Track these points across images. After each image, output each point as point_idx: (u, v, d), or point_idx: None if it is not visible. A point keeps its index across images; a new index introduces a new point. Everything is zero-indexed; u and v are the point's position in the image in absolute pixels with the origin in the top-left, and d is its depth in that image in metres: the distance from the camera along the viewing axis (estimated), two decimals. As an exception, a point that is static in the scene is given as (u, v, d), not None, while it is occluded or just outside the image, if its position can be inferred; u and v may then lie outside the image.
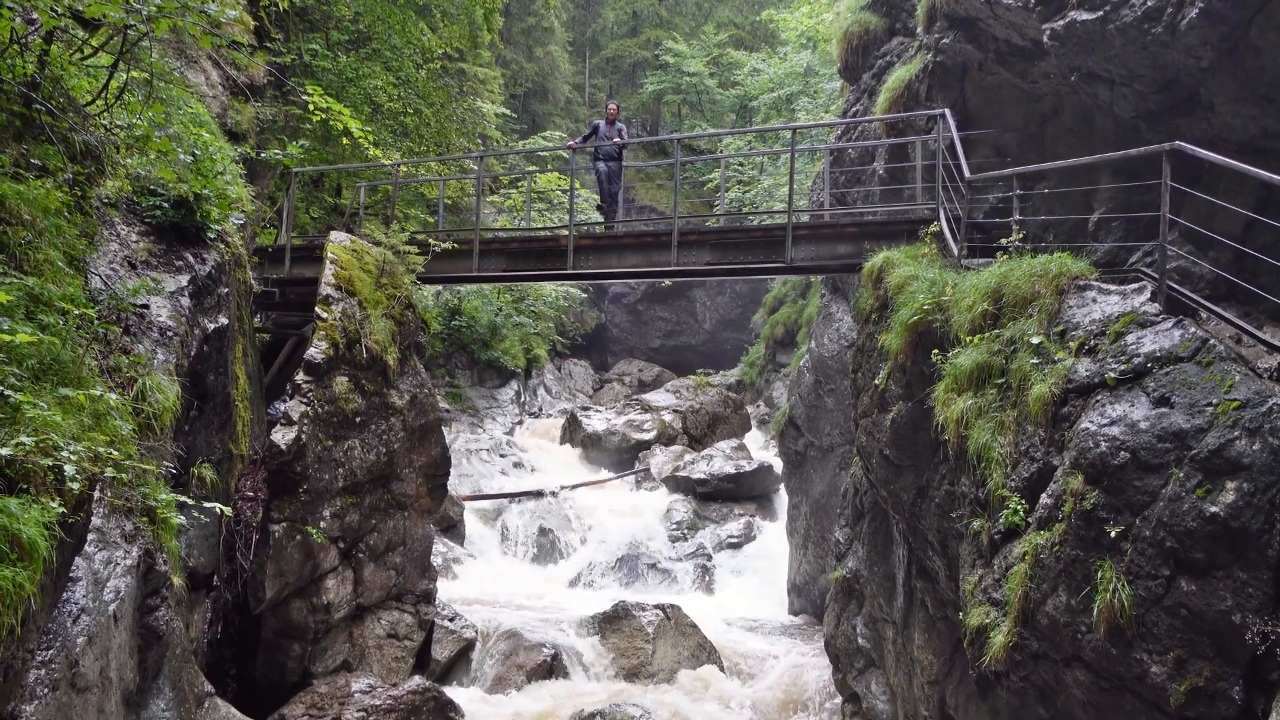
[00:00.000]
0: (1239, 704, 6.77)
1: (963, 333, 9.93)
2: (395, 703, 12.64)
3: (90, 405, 6.83)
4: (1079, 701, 7.83)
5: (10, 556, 5.44)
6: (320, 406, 13.22)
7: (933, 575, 11.00)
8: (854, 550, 14.14)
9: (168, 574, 8.64)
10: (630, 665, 15.58)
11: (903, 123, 15.88)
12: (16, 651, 5.72)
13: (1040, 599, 8.04)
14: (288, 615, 12.94)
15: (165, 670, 8.56)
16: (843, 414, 17.97)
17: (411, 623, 14.55)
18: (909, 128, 15.74)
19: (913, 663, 11.74)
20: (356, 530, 13.81)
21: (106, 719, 7.36)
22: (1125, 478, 7.57)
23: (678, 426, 30.67)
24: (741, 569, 22.75)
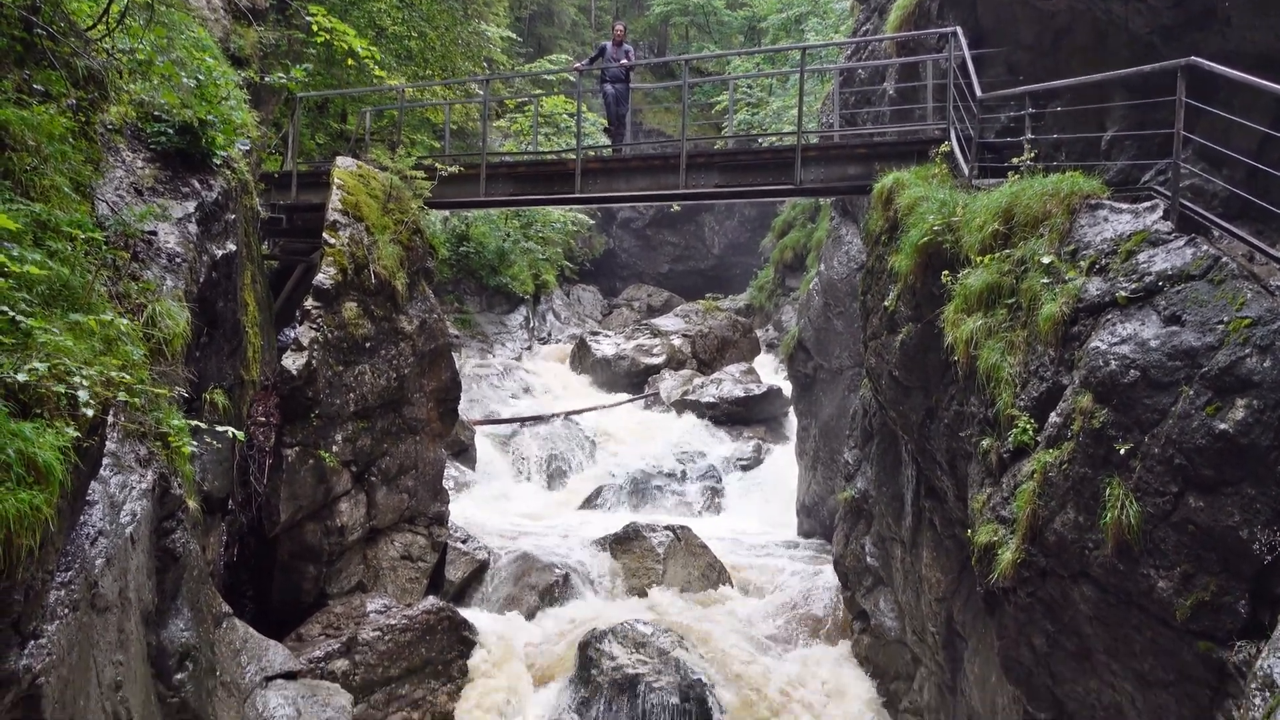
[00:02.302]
0: (1244, 617, 6.84)
1: (973, 253, 9.88)
2: (410, 622, 12.83)
3: (101, 331, 6.86)
4: (1085, 617, 7.92)
5: (27, 480, 5.50)
6: (330, 332, 13.25)
7: (941, 495, 11.07)
8: (863, 471, 14.22)
9: (182, 497, 8.72)
10: (641, 585, 15.76)
11: (913, 41, 15.67)
12: (36, 573, 5.80)
13: (1048, 516, 8.09)
14: (302, 538, 13.09)
15: (183, 591, 8.67)
16: (852, 336, 17.97)
17: (424, 545, 14.72)
18: (920, 46, 15.53)
19: (921, 580, 11.86)
20: (368, 454, 13.91)
21: (127, 639, 7.48)
22: (1135, 396, 7.58)
23: (687, 351, 30.69)
24: (751, 491, 22.90)
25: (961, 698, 11.37)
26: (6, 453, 5.41)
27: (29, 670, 5.91)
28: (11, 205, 6.99)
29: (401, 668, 12.56)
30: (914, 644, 12.50)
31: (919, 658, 12.49)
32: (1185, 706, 7.27)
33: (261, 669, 10.16)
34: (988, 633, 9.93)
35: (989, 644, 9.94)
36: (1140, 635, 7.52)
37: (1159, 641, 7.37)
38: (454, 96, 25.59)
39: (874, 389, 12.90)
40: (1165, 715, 7.43)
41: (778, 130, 30.47)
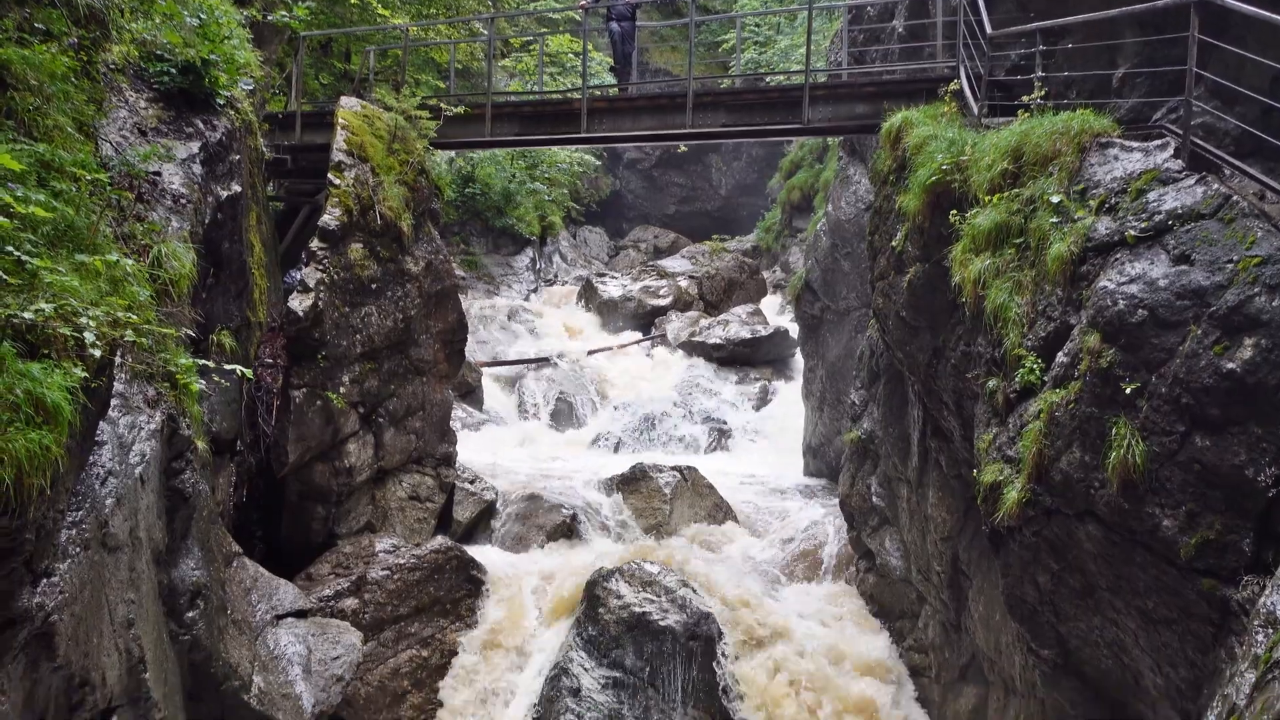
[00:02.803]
0: (1248, 555, 6.87)
1: (981, 193, 9.81)
2: (419, 561, 12.94)
3: (107, 271, 6.85)
4: (1090, 555, 7.96)
5: (36, 420, 5.52)
6: (336, 273, 13.24)
7: (947, 435, 11.09)
8: (869, 412, 14.24)
9: (191, 438, 8.76)
10: (648, 525, 15.86)
11: (923, -23, 15.45)
12: (47, 512, 5.85)
13: (1054, 456, 8.11)
14: (311, 478, 13.16)
15: (193, 531, 8.74)
16: (859, 277, 17.90)
17: (432, 485, 14.80)
18: (929, -18, 15.31)
19: (926, 520, 11.92)
20: (376, 395, 13.95)
21: (138, 577, 7.55)
22: (1143, 335, 7.56)
23: (693, 292, 30.64)
24: (757, 432, 22.97)
25: (965, 635, 11.47)
26: (14, 393, 5.43)
27: (42, 608, 5.98)
28: (15, 145, 6.96)
29: (411, 606, 12.69)
30: (919, 583, 12.58)
31: (924, 596, 12.58)
32: (1188, 643, 7.32)
33: (272, 607, 10.26)
34: (992, 571, 9.99)
35: (993, 582, 10.00)
36: (1144, 573, 7.56)
37: (1163, 579, 7.41)
38: (458, 35, 25.35)
39: (881, 329, 12.88)
40: (1168, 652, 7.49)
41: (785, 69, 30.18)
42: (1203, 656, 7.23)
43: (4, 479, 5.15)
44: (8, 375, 5.48)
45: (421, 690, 12.37)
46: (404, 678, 12.35)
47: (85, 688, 6.64)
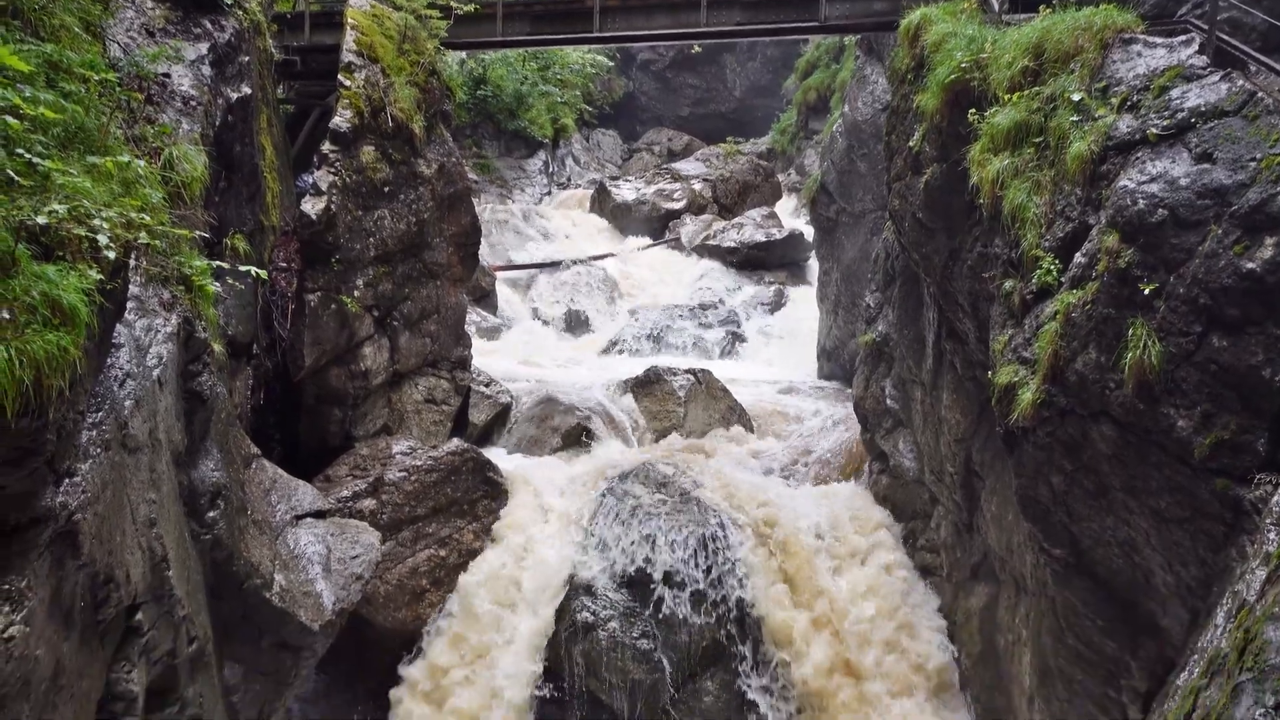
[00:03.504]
0: (1262, 455, 6.88)
1: (1001, 91, 9.66)
2: (435, 463, 13.06)
3: (119, 173, 6.81)
4: (1104, 455, 7.98)
5: (53, 322, 5.54)
6: (348, 177, 13.16)
7: (962, 337, 11.06)
8: (884, 314, 14.20)
9: (208, 341, 8.79)
10: (662, 427, 15.94)
11: None
12: (67, 413, 5.89)
13: (1070, 357, 8.09)
14: (327, 382, 13.24)
15: (212, 433, 8.82)
16: (875, 179, 17.73)
17: (448, 388, 14.87)
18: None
19: (940, 422, 11.94)
20: (390, 299, 13.96)
21: (158, 478, 7.64)
22: (1162, 235, 7.49)
23: (708, 195, 30.42)
24: (772, 335, 22.96)
25: (977, 535, 11.56)
26: (31, 295, 5.44)
27: (65, 507, 6.06)
28: (22, 46, 6.87)
29: (428, 507, 12.84)
30: (932, 484, 12.66)
31: (936, 497, 12.66)
32: (1199, 542, 7.37)
33: (291, 508, 10.39)
34: (1005, 472, 10.03)
35: (1006, 483, 10.05)
36: (1158, 473, 7.58)
37: (1176, 479, 7.43)
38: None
39: (897, 231, 12.79)
40: (1179, 551, 7.54)
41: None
42: (1214, 555, 7.28)
43: (24, 380, 5.18)
44: (24, 278, 5.48)
45: (440, 588, 12.57)
46: (422, 576, 12.55)
47: (110, 584, 6.76)
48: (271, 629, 9.32)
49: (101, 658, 6.99)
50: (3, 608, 5.53)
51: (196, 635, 8.13)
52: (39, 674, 5.88)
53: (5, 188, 5.66)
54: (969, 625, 11.91)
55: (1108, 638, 8.49)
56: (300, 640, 9.57)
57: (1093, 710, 8.81)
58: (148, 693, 7.59)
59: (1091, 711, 8.83)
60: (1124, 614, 8.36)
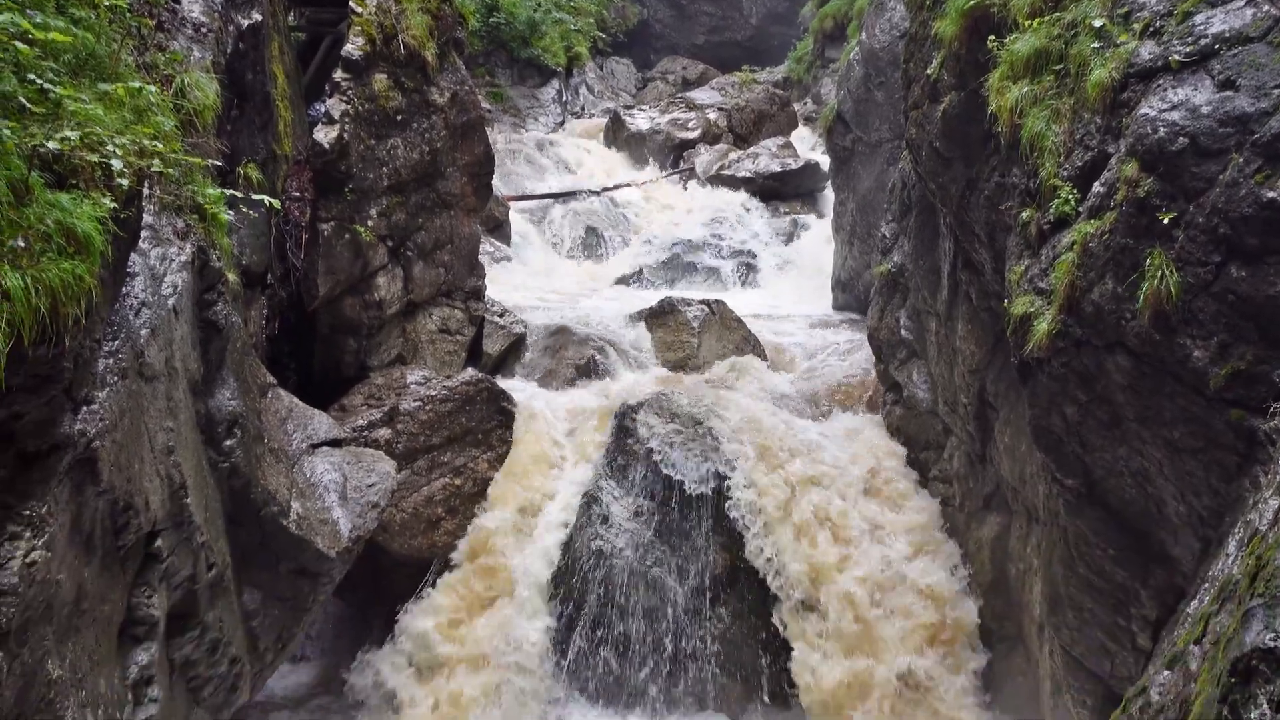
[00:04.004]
0: (1278, 386, 6.86)
1: (1021, 16, 9.51)
2: (450, 393, 13.12)
3: (131, 100, 6.77)
4: (1118, 386, 7.97)
5: (68, 250, 5.55)
6: (361, 105, 13.08)
7: (978, 267, 11.01)
8: (900, 244, 14.13)
9: (222, 270, 8.80)
10: (676, 358, 15.94)
11: None
12: (84, 341, 5.93)
13: (1086, 287, 8.04)
14: (341, 312, 13.26)
15: (228, 362, 8.86)
16: (892, 108, 17.54)
17: (462, 318, 14.89)
18: None
19: (954, 353, 11.93)
20: (404, 229, 13.94)
21: (176, 406, 7.69)
22: (1182, 164, 7.41)
23: (723, 125, 30.12)
24: (786, 265, 22.87)
25: (990, 466, 11.60)
26: (45, 223, 5.44)
27: (84, 434, 6.11)
28: (30, -30, 6.81)
29: (443, 436, 12.92)
30: (945, 415, 12.68)
31: (950, 428, 12.69)
32: (1212, 473, 7.38)
33: (307, 436, 10.46)
34: (1019, 403, 10.04)
35: (1020, 414, 10.07)
36: (1172, 404, 7.57)
37: (1191, 410, 7.43)
38: None
39: (913, 161, 12.68)
40: (1192, 481, 7.56)
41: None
42: (1226, 485, 7.30)
43: (40, 308, 5.20)
44: (38, 205, 5.48)
45: (455, 517, 12.70)
46: (438, 505, 12.67)
47: (129, 511, 6.84)
48: (289, 556, 9.43)
49: (122, 583, 7.10)
50: (25, 533, 5.60)
51: (215, 561, 8.23)
52: (61, 598, 5.97)
53: (17, 115, 5.64)
54: (980, 555, 12.00)
55: (1119, 567, 8.54)
56: (317, 567, 9.69)
57: (1102, 638, 8.89)
58: (168, 617, 7.72)
59: (1101, 639, 8.91)
60: (1135, 543, 8.40)
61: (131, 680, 7.15)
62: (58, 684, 5.86)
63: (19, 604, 5.42)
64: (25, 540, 5.57)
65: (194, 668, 8.24)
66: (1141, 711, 6.14)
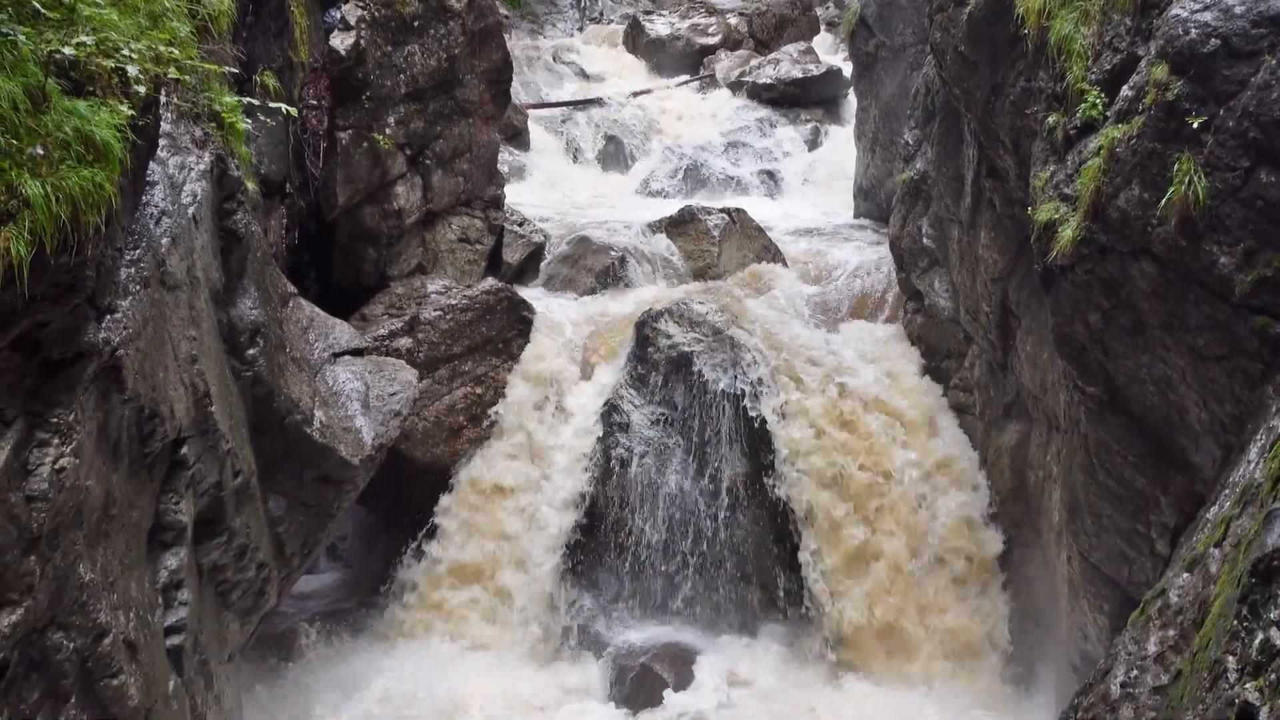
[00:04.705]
0: (1306, 292, 6.82)
1: (1050, -86, 9.29)
2: (470, 302, 13.12)
3: (146, 5, 6.71)
4: (1142, 293, 7.91)
5: (87, 158, 5.54)
6: (377, 10, 12.93)
7: (1003, 174, 10.89)
8: (923, 151, 13.95)
9: (241, 179, 8.78)
10: (696, 267, 15.87)
11: None
12: (106, 250, 5.95)
13: (1112, 193, 7.95)
14: (360, 221, 13.23)
15: (248, 271, 8.87)
16: (916, 11, 17.21)
17: (481, 227, 14.85)
18: None
19: (977, 261, 11.85)
20: (422, 137, 13.84)
21: (198, 315, 7.73)
22: (1213, 66, 7.27)
23: (743, 30, 29.65)
24: (807, 173, 22.64)
25: (1011, 375, 11.58)
26: (64, 130, 5.44)
27: (108, 342, 6.16)
28: None
29: (463, 345, 12.95)
30: (967, 323, 12.62)
31: (971, 336, 12.65)
32: (1235, 380, 7.36)
33: (329, 346, 10.51)
34: (1042, 311, 9.98)
35: (1042, 322, 10.02)
36: (1196, 311, 7.53)
37: (1215, 316, 7.39)
38: None
39: (938, 66, 12.47)
40: (1215, 388, 7.54)
41: None
42: (1249, 392, 7.28)
43: (61, 216, 5.21)
44: (56, 113, 5.47)
45: (477, 425, 12.77)
46: (459, 413, 12.75)
47: (155, 419, 6.91)
48: (313, 463, 9.53)
49: (150, 490, 7.20)
50: (53, 440, 5.68)
51: (241, 468, 8.34)
52: (90, 504, 6.07)
53: (31, 20, 5.60)
54: (1000, 463, 12.03)
55: (1139, 474, 8.57)
56: (341, 474, 9.80)
57: (1120, 544, 8.95)
58: (196, 523, 7.84)
59: (1119, 545, 8.97)
60: (1156, 450, 8.41)
61: (161, 584, 7.29)
62: (90, 587, 5.98)
63: (49, 509, 5.51)
64: (54, 447, 5.64)
65: (222, 573, 8.39)
66: (1160, 613, 6.20)
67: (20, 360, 5.49)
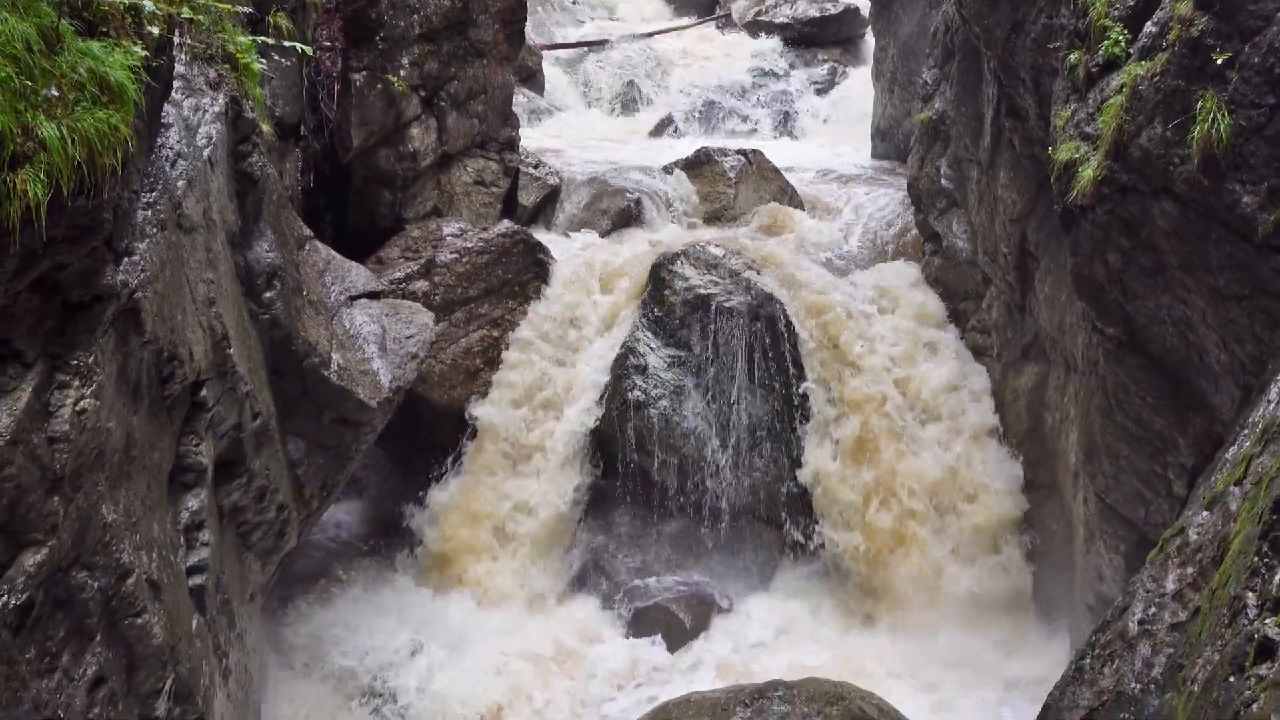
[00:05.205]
0: (1329, 232, 6.75)
1: None
2: (486, 245, 13.10)
3: (157, -56, 6.64)
4: (1163, 233, 7.85)
5: (101, 99, 5.51)
6: (389, -51, 12.81)
7: (1023, 113, 10.77)
8: (941, 91, 13.81)
9: (256, 121, 8.74)
10: (713, 209, 15.80)
11: None
12: (122, 192, 5.93)
13: (1134, 131, 7.86)
14: (375, 163, 13.19)
15: (264, 214, 8.85)
16: (936, -53, 16.98)
17: (497, 170, 14.79)
18: None
19: (996, 201, 11.76)
20: (436, 78, 13.76)
21: (215, 258, 7.74)
22: (1238, 1, 7.14)
23: (760, -32, 29.30)
24: (825, 114, 22.50)
25: (1029, 316, 11.54)
26: (78, 71, 5.40)
27: (126, 285, 6.16)
28: None
29: (480, 288, 12.94)
30: (985, 265, 12.56)
31: (989, 278, 12.59)
32: (1256, 320, 7.31)
33: (345, 289, 10.51)
34: (1061, 252, 9.92)
35: (1061, 263, 9.96)
36: (1218, 250, 7.46)
37: (1237, 256, 7.32)
38: None
39: (957, 3, 12.30)
40: (1235, 329, 7.49)
41: None
42: (1270, 333, 7.24)
43: (76, 158, 5.19)
44: (70, 54, 5.43)
45: (494, 368, 12.81)
46: (476, 356, 12.77)
47: (174, 361, 6.94)
48: (331, 406, 9.57)
49: (170, 432, 7.25)
50: (73, 382, 5.70)
51: (260, 411, 8.38)
52: (112, 445, 6.11)
53: (43, -40, 5.55)
54: (1017, 404, 12.02)
55: (1157, 415, 8.55)
56: (359, 417, 9.84)
57: (1138, 485, 8.95)
58: (216, 465, 7.89)
59: (1136, 486, 8.97)
60: (1174, 391, 8.38)
61: (183, 525, 7.35)
62: (113, 527, 6.04)
63: (71, 450, 5.55)
64: (74, 389, 5.67)
65: (243, 514, 8.45)
66: (1179, 551, 6.20)
67: (40, 303, 5.50)
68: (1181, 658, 5.47)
